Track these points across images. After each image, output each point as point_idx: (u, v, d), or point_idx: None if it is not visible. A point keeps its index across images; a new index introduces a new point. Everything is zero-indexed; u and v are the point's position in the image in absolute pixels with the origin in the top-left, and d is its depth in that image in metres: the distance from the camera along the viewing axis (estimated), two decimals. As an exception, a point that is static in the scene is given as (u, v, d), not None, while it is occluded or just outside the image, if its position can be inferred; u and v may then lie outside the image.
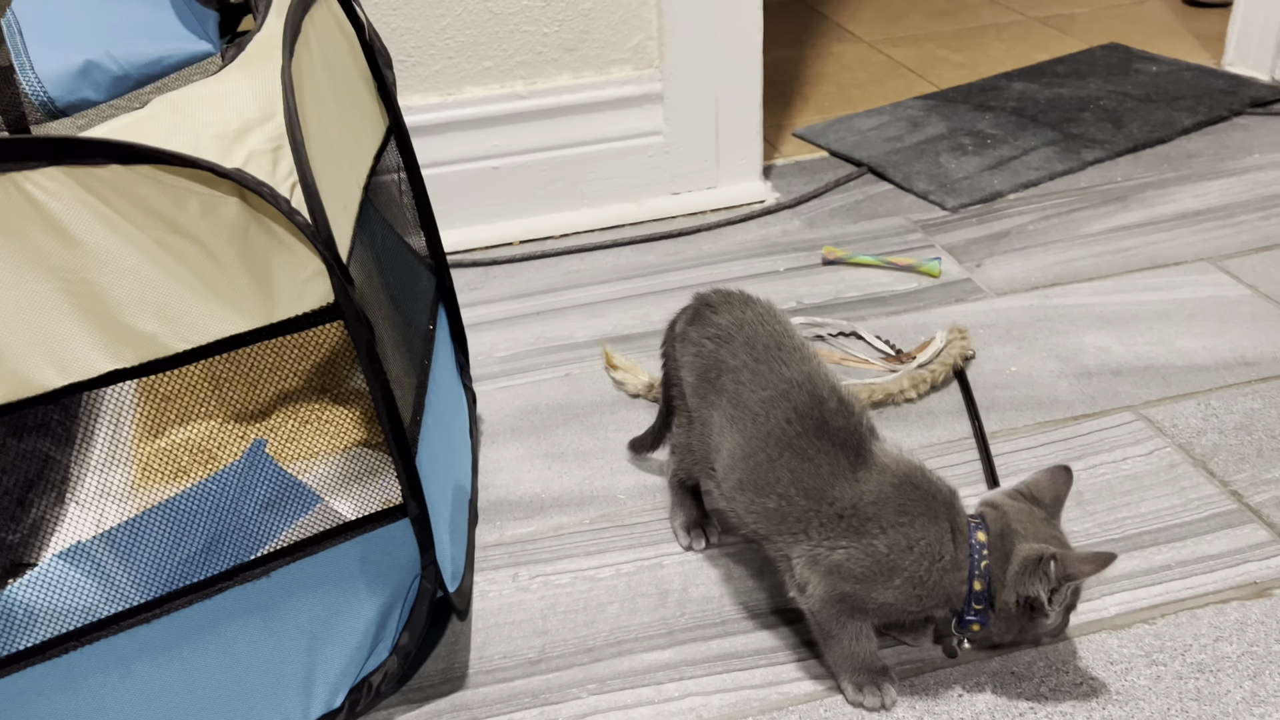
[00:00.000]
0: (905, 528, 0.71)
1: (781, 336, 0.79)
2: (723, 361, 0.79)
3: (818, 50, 2.07)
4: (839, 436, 0.73)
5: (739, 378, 0.77)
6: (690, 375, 0.82)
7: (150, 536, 0.66)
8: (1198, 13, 2.11)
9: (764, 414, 0.75)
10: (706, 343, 0.81)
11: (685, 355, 0.83)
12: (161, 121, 0.58)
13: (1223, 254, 1.27)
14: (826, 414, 0.74)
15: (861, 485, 0.72)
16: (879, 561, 0.70)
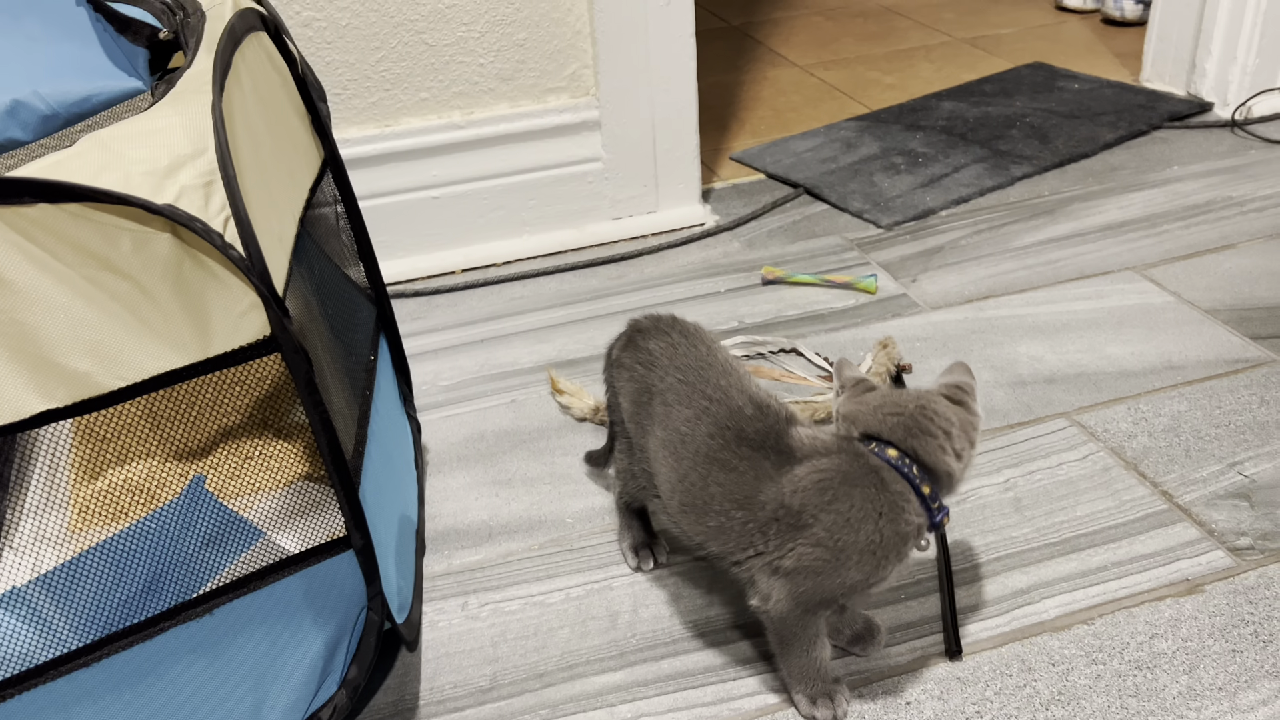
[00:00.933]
0: (832, 504, 0.70)
1: (706, 357, 0.80)
2: (653, 385, 0.80)
3: (752, 75, 2.10)
4: (757, 440, 0.74)
5: (666, 399, 0.78)
6: (626, 401, 0.83)
7: (88, 578, 0.65)
8: (1115, 31, 2.19)
9: (690, 434, 0.76)
10: (638, 368, 0.82)
11: (620, 381, 0.84)
12: (91, 159, 0.58)
13: (1147, 263, 1.31)
14: (743, 422, 0.75)
15: (782, 481, 0.72)
16: (828, 548, 0.70)
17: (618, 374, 0.85)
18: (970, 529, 0.92)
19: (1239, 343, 1.14)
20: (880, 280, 1.32)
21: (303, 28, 1.29)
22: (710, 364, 0.79)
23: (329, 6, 1.28)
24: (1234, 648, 0.79)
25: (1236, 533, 0.89)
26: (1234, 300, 1.22)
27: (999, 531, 0.91)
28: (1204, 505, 0.92)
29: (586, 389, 1.11)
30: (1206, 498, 0.93)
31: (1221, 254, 1.32)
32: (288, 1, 1.27)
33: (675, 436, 0.77)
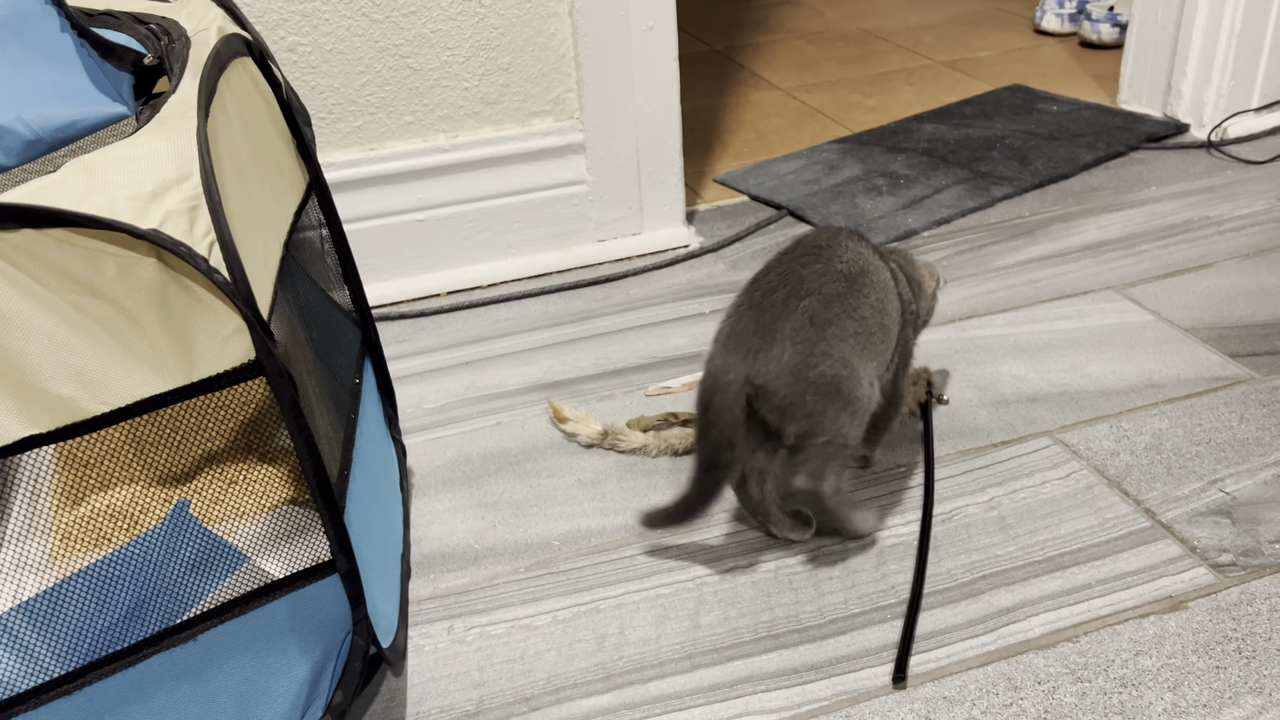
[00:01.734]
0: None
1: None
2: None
3: (735, 98, 2.12)
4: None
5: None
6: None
7: (71, 605, 0.65)
8: (1093, 54, 2.22)
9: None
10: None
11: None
12: (75, 184, 0.58)
13: (1127, 282, 1.33)
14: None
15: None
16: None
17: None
18: (955, 547, 0.92)
19: (1218, 361, 1.15)
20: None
21: (287, 52, 1.29)
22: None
23: (314, 32, 1.29)
24: (1217, 664, 0.79)
25: (1218, 549, 0.90)
26: (1212, 319, 1.23)
27: (984, 550, 0.92)
28: (1186, 522, 0.93)
29: (591, 413, 1.11)
30: (1188, 515, 0.94)
31: (1199, 273, 1.33)
32: (273, 26, 1.27)
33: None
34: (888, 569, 0.90)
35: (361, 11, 1.30)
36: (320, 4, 1.28)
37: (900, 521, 0.96)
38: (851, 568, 0.91)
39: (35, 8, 0.79)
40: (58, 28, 0.78)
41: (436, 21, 1.33)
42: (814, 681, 0.80)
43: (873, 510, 0.94)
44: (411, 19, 1.32)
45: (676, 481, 1.03)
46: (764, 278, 0.87)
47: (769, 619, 0.86)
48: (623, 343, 1.28)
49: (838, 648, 0.83)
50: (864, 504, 0.94)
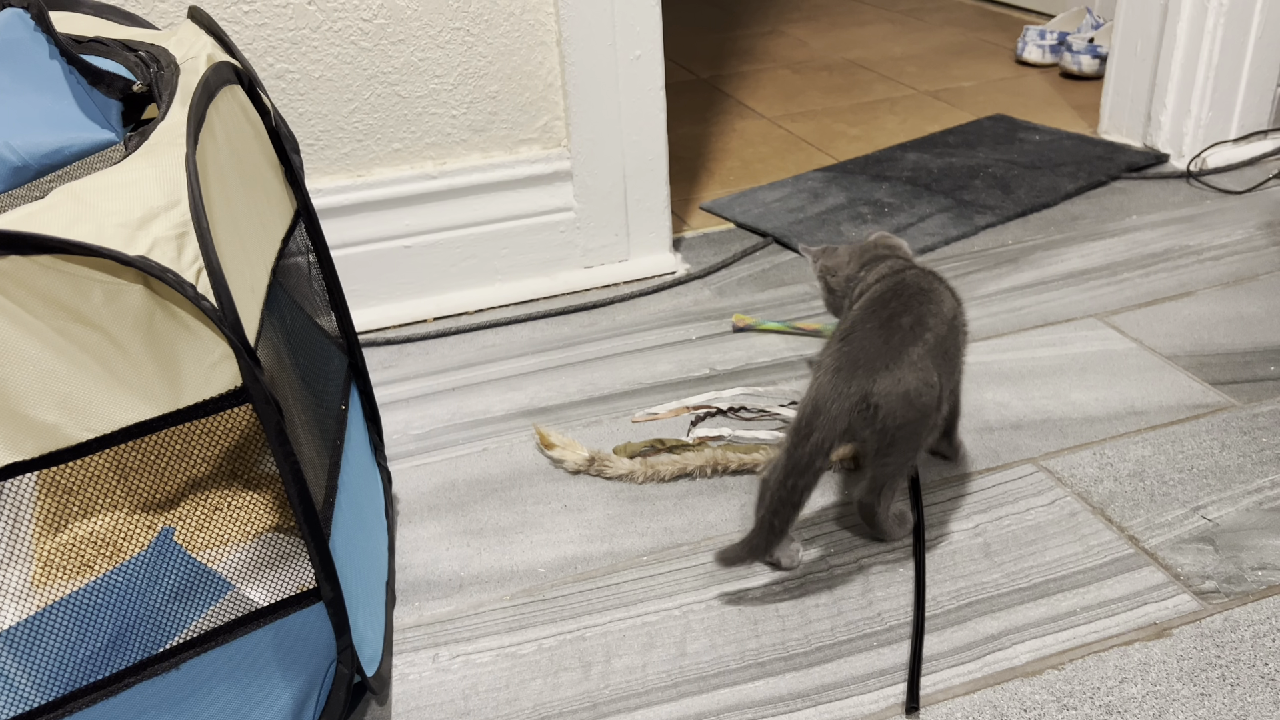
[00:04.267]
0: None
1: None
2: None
3: (721, 126, 2.14)
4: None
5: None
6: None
7: (52, 634, 0.64)
8: (1073, 85, 2.25)
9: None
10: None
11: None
12: (63, 211, 0.58)
13: (1109, 310, 1.34)
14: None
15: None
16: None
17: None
18: (941, 574, 0.92)
19: (1199, 388, 1.16)
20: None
21: (276, 79, 1.30)
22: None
23: (302, 59, 1.30)
24: (1202, 691, 0.79)
25: (1202, 576, 0.90)
26: (1193, 346, 1.24)
27: (969, 577, 0.92)
28: (1169, 549, 0.94)
29: (577, 439, 1.11)
30: (1172, 542, 0.94)
31: (1180, 301, 1.35)
32: (261, 54, 1.28)
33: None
34: (874, 596, 0.91)
35: (350, 39, 1.30)
36: (309, 32, 1.29)
37: (885, 549, 0.96)
38: (838, 595, 0.91)
39: (24, 34, 0.79)
40: (46, 54, 0.78)
41: (425, 50, 1.34)
42: (800, 710, 0.80)
43: (906, 516, 0.98)
44: (400, 47, 1.33)
45: (663, 509, 1.03)
46: (886, 304, 0.93)
47: (755, 647, 0.86)
48: (609, 369, 1.28)
49: (824, 675, 0.83)
50: (902, 513, 0.98)
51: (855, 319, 0.93)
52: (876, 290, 0.96)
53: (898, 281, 0.97)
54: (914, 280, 0.96)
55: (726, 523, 1.01)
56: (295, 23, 1.28)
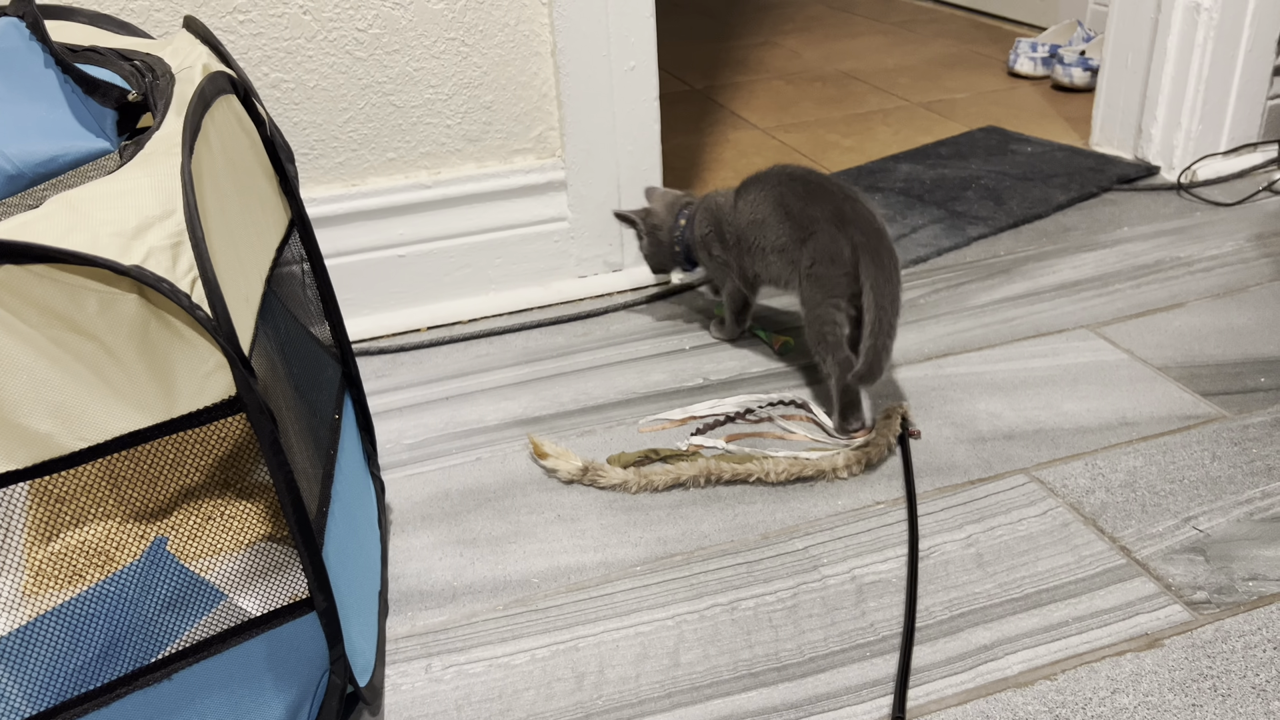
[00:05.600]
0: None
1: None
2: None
3: (715, 137, 2.14)
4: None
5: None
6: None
7: (43, 644, 0.64)
8: (1065, 97, 2.26)
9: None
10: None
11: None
12: (58, 220, 0.58)
13: (1101, 321, 1.35)
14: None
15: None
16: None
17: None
18: (934, 584, 0.93)
19: (1190, 399, 1.17)
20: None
21: (271, 89, 1.30)
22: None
23: (297, 69, 1.30)
24: (1194, 702, 0.80)
25: (1193, 587, 0.91)
26: (1184, 358, 1.25)
27: (962, 587, 0.92)
28: (1161, 560, 0.94)
29: (571, 448, 1.11)
30: (1163, 552, 0.95)
31: (1171, 312, 1.35)
32: (256, 63, 1.28)
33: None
34: (867, 606, 0.91)
35: (345, 49, 1.31)
36: (304, 41, 1.29)
37: (879, 559, 0.96)
38: (831, 605, 0.91)
39: (19, 44, 0.79)
40: (42, 64, 0.78)
41: (420, 60, 1.34)
42: (794, 720, 0.80)
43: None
44: (395, 57, 1.33)
45: (657, 519, 1.03)
46: (811, 190, 1.17)
47: (749, 657, 0.86)
48: (603, 378, 1.28)
49: (817, 686, 0.83)
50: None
51: (796, 211, 1.15)
52: (777, 194, 1.19)
53: (789, 180, 1.19)
54: (800, 175, 1.20)
55: (720, 533, 1.01)
56: (290, 32, 1.28)
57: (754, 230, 1.21)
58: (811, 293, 1.13)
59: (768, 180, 1.22)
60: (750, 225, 1.22)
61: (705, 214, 1.30)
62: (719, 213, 1.28)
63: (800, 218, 1.15)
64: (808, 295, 1.14)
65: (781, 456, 1.08)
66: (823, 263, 1.11)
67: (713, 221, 1.29)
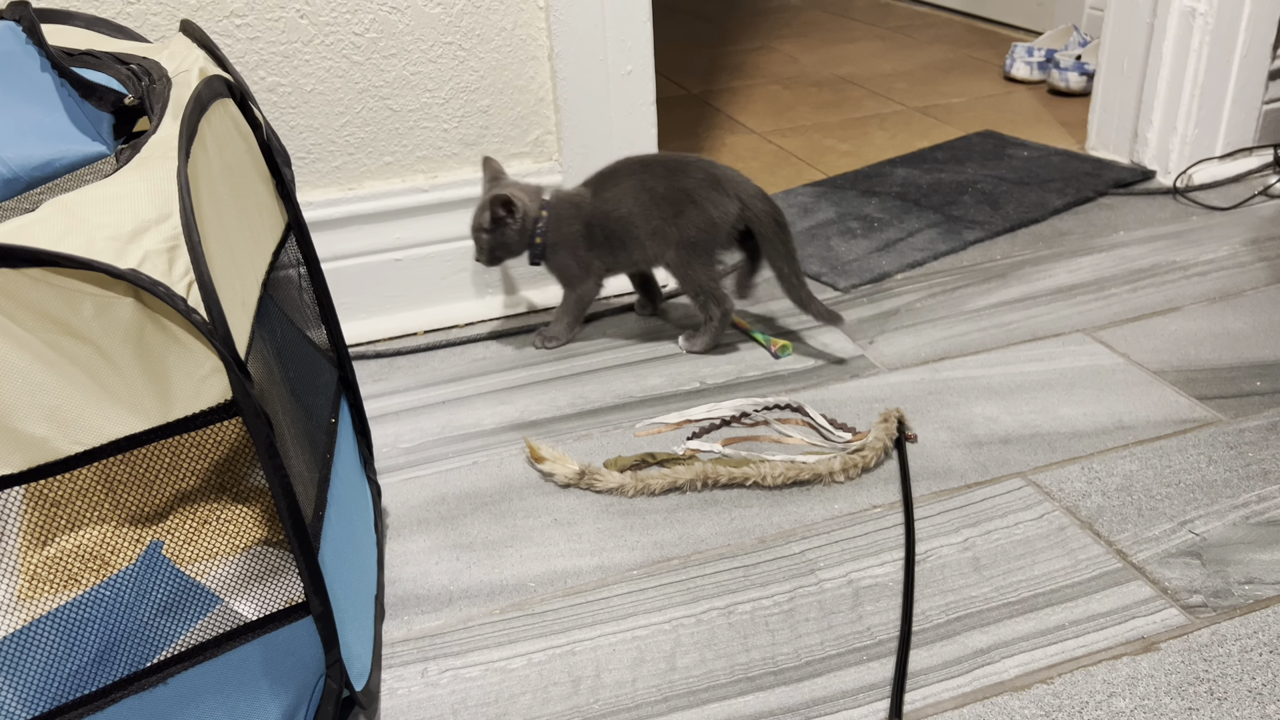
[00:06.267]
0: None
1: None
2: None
3: (712, 141, 2.15)
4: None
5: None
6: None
7: (38, 648, 0.64)
8: (1061, 102, 2.26)
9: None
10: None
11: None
12: (54, 224, 0.58)
13: (1097, 325, 1.35)
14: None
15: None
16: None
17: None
18: (931, 588, 0.93)
19: (1186, 403, 1.17)
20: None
21: (267, 93, 1.30)
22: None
23: (294, 73, 1.30)
24: (1190, 705, 0.80)
25: (1189, 590, 0.91)
26: (1180, 362, 1.25)
27: (959, 591, 0.92)
28: (1157, 564, 0.94)
29: (568, 452, 1.11)
30: (1159, 556, 0.95)
31: (1167, 317, 1.36)
32: (253, 67, 1.28)
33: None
34: (864, 610, 0.91)
35: (342, 54, 1.31)
36: (301, 45, 1.29)
37: (876, 563, 0.96)
38: (828, 609, 0.91)
39: (16, 47, 0.79)
40: (38, 67, 0.78)
41: (417, 64, 1.34)
42: (790, 724, 0.80)
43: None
44: (392, 61, 1.33)
45: (653, 523, 1.03)
46: (670, 173, 1.28)
47: (745, 661, 0.86)
48: (600, 382, 1.28)
49: (814, 690, 0.83)
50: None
51: (663, 191, 1.26)
52: (638, 183, 1.27)
53: (644, 167, 1.29)
54: (653, 159, 1.30)
55: (717, 536, 1.01)
56: (287, 36, 1.28)
57: (624, 224, 1.28)
58: (693, 257, 1.27)
59: (623, 173, 1.29)
60: (619, 220, 1.28)
61: (571, 213, 1.30)
62: (581, 213, 1.30)
63: (670, 196, 1.25)
64: (689, 259, 1.27)
65: (778, 460, 1.08)
66: (704, 228, 1.25)
67: (580, 221, 1.30)
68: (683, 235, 1.26)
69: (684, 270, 1.28)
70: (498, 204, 1.27)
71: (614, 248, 1.30)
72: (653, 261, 1.31)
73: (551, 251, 1.32)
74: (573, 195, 1.32)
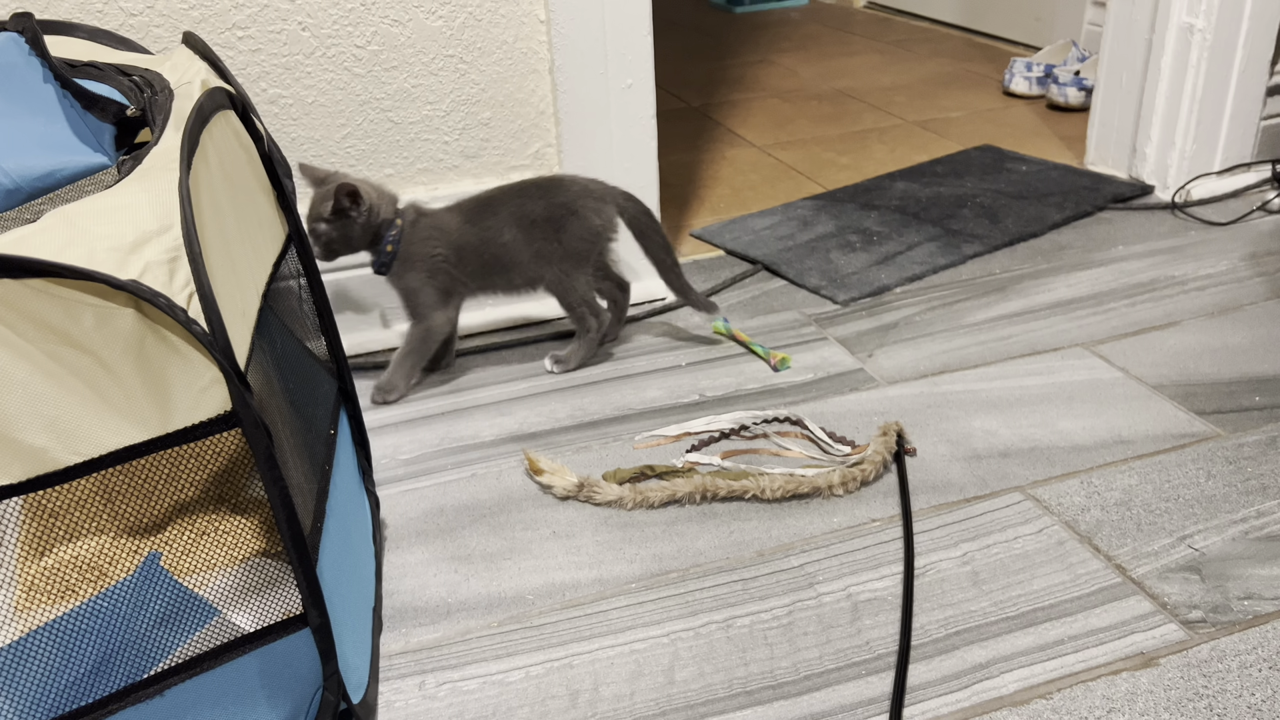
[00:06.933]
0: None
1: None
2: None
3: (712, 154, 2.15)
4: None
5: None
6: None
7: (35, 659, 0.64)
8: (1060, 116, 2.27)
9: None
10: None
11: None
12: (56, 235, 0.58)
13: (1096, 339, 1.35)
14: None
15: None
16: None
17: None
18: (930, 602, 0.92)
19: (1185, 418, 1.17)
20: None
21: (269, 104, 1.30)
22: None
23: (295, 85, 1.30)
24: (1189, 721, 0.79)
25: (1189, 605, 0.90)
26: (1179, 376, 1.25)
27: (958, 605, 0.92)
28: (1156, 578, 0.94)
29: (566, 465, 1.11)
30: (1158, 571, 0.95)
31: (1166, 331, 1.36)
32: (255, 79, 1.28)
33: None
34: (863, 624, 0.91)
35: (343, 66, 1.31)
36: (303, 58, 1.29)
37: (874, 576, 0.96)
38: (827, 623, 0.91)
39: (19, 59, 0.79)
40: (40, 78, 0.78)
41: (418, 76, 1.34)
42: (789, 738, 0.80)
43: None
44: (393, 74, 1.33)
45: (652, 535, 1.03)
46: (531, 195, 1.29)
47: (744, 675, 0.86)
48: (599, 394, 1.28)
49: (813, 704, 0.83)
50: None
51: (541, 212, 1.26)
52: (515, 209, 1.27)
53: (519, 193, 1.28)
54: (527, 184, 1.30)
55: (716, 549, 1.01)
56: (289, 49, 1.29)
57: (507, 250, 1.27)
58: (576, 269, 1.29)
59: (500, 202, 1.27)
60: (503, 246, 1.26)
61: (434, 235, 1.25)
62: (449, 238, 1.25)
63: (550, 215, 1.26)
64: (571, 272, 1.29)
65: (777, 473, 1.08)
66: (587, 238, 1.27)
67: (447, 247, 1.25)
68: (566, 249, 1.27)
69: (566, 284, 1.29)
70: (343, 193, 1.18)
71: (490, 273, 1.27)
72: (531, 285, 1.30)
73: (402, 267, 1.25)
74: (438, 218, 1.27)
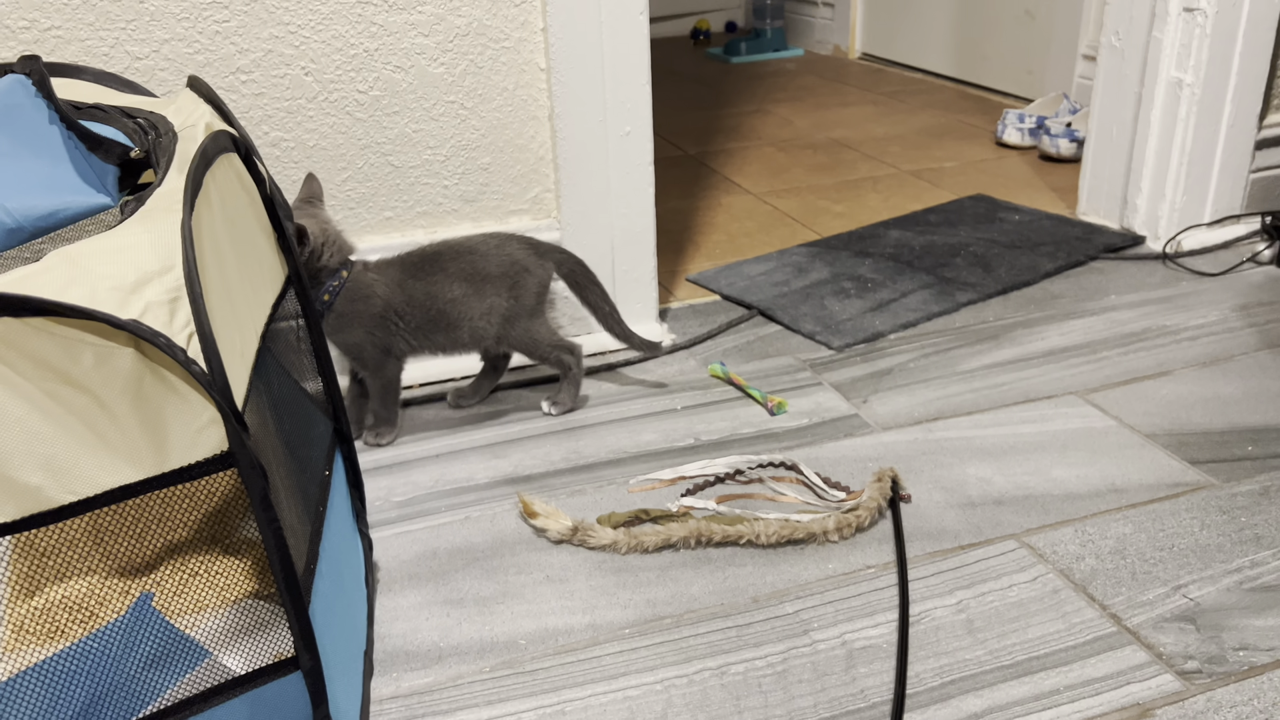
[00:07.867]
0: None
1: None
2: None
3: (708, 201, 2.17)
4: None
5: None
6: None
7: (22, 702, 0.63)
8: (1052, 167, 2.30)
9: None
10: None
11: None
12: (58, 274, 0.59)
13: (1089, 388, 1.36)
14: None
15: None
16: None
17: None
18: (924, 651, 0.92)
19: (1178, 467, 1.17)
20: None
21: (270, 147, 1.32)
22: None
23: (298, 128, 1.32)
24: (1186, 774, 0.79)
25: (1184, 656, 0.90)
26: (1172, 425, 1.26)
27: (953, 654, 0.91)
28: (1151, 628, 0.94)
29: (561, 508, 1.11)
30: (1154, 620, 0.94)
31: (1159, 380, 1.37)
32: (258, 122, 1.30)
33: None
34: (858, 672, 0.90)
35: (346, 110, 1.33)
36: (305, 102, 1.31)
37: (869, 624, 0.96)
38: (821, 670, 0.90)
39: (25, 100, 0.80)
40: (46, 120, 0.79)
41: (419, 121, 1.36)
42: (783, 788, 0.79)
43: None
44: (394, 118, 1.35)
45: (646, 580, 1.02)
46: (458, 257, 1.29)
47: (737, 723, 0.85)
48: (595, 437, 1.28)
49: (807, 753, 0.82)
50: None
51: (493, 269, 1.29)
52: (464, 267, 1.28)
53: (467, 252, 1.30)
54: (468, 243, 1.31)
55: (710, 595, 1.00)
56: (292, 93, 1.30)
57: (454, 306, 1.27)
58: (533, 323, 1.32)
59: (446, 257, 1.28)
60: (450, 302, 1.27)
61: (367, 292, 1.23)
62: (380, 293, 1.24)
63: (504, 272, 1.29)
64: (530, 327, 1.32)
65: (772, 519, 1.08)
66: (539, 291, 1.31)
67: (382, 303, 1.24)
68: (522, 305, 1.29)
69: (530, 337, 1.32)
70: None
71: (431, 331, 1.27)
72: (473, 343, 1.30)
73: (340, 323, 1.23)
74: (380, 271, 1.26)
